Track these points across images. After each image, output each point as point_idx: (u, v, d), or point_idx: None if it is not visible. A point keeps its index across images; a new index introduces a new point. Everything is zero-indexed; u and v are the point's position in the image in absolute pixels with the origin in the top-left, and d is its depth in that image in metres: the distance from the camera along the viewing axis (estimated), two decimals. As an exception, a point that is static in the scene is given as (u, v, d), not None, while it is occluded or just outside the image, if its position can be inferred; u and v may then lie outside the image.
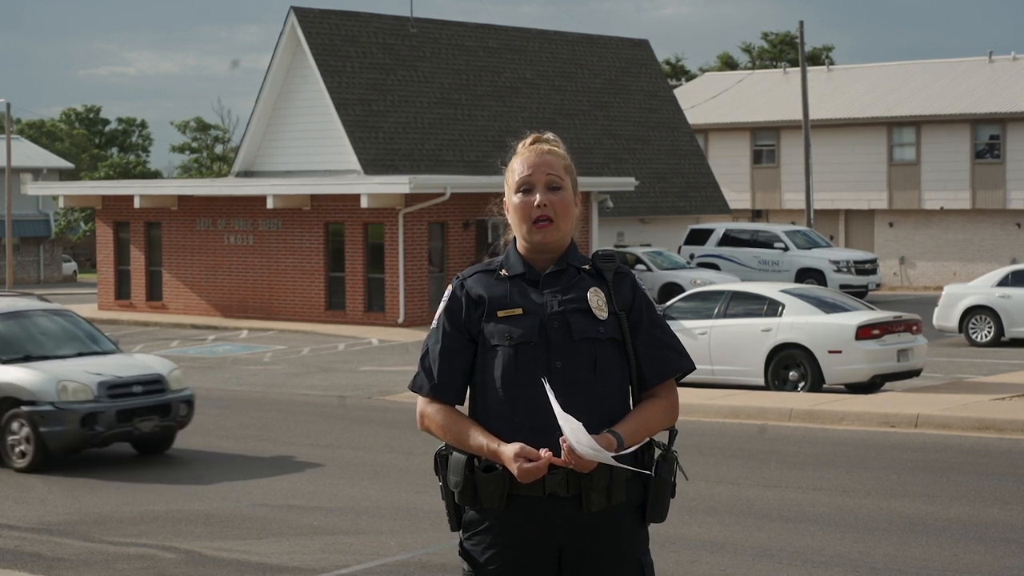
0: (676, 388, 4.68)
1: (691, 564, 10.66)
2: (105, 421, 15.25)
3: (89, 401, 15.23)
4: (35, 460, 15.17)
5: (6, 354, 15.82)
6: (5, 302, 17.09)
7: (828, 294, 22.21)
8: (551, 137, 4.72)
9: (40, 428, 15.09)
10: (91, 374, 15.50)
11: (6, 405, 15.46)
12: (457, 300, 4.62)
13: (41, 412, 15.14)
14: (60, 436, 15.13)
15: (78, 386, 15.28)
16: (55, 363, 15.80)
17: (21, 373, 15.49)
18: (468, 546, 4.58)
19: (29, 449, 15.20)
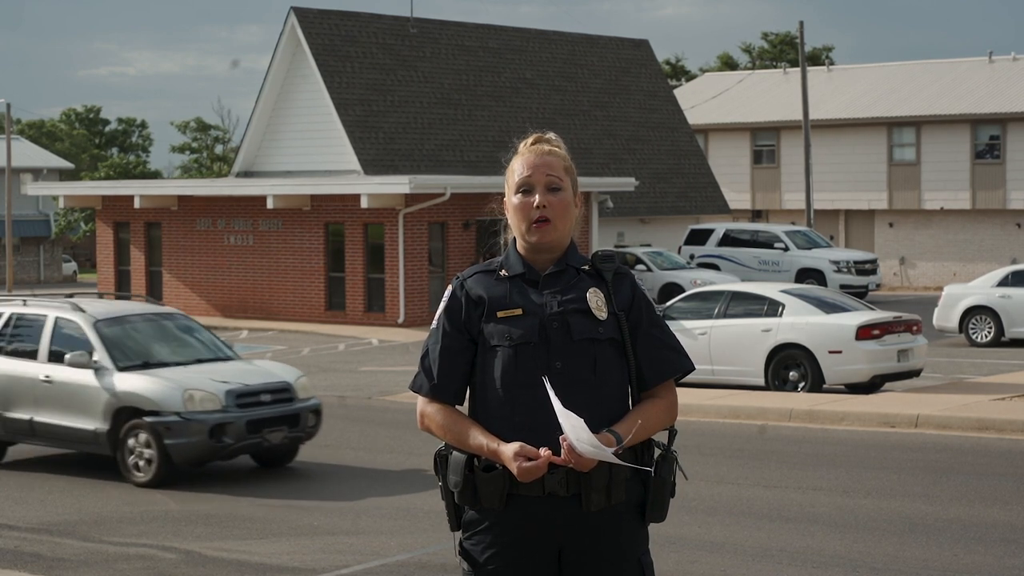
0: (675, 388, 4.69)
1: (691, 564, 10.66)
2: (234, 432, 14.20)
3: (217, 411, 14.19)
4: (158, 474, 14.12)
5: (123, 361, 14.76)
6: (116, 305, 16.27)
7: (828, 294, 22.21)
8: (552, 137, 4.73)
9: (165, 440, 14.02)
10: (217, 382, 14.46)
11: (125, 415, 14.38)
12: (457, 300, 4.62)
13: (166, 423, 14.08)
14: (187, 449, 14.08)
15: (205, 395, 14.26)
16: (175, 370, 14.77)
17: (142, 381, 14.44)
18: (468, 546, 4.59)
19: (151, 462, 14.15)
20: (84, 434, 14.56)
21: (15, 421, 15.24)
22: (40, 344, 15.24)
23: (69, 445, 15.01)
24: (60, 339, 15.15)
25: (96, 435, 14.45)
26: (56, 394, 14.86)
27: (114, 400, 14.38)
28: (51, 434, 14.96)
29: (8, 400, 15.29)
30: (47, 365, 15.04)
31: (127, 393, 14.39)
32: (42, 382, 14.98)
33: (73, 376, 14.71)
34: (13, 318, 15.71)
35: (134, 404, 14.34)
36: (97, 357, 14.63)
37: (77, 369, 14.65)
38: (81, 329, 15.02)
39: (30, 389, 15.09)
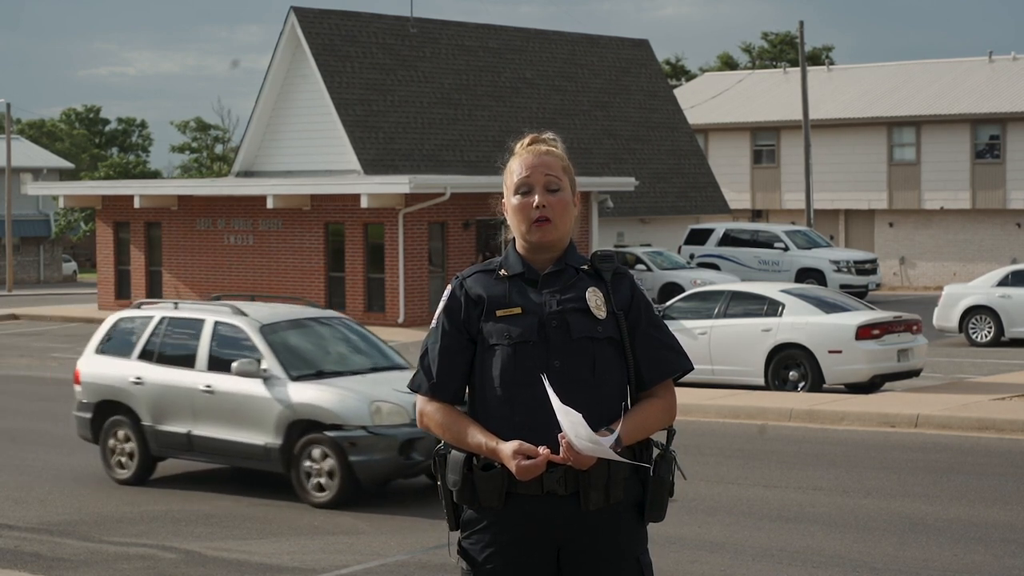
0: (674, 388, 4.69)
1: (691, 564, 10.66)
2: (424, 448, 12.70)
3: (405, 425, 12.82)
4: (340, 493, 12.80)
5: (296, 369, 13.46)
6: (277, 308, 14.86)
7: (828, 294, 22.21)
8: (549, 137, 4.73)
9: (350, 457, 12.69)
10: (401, 393, 12.89)
11: (300, 430, 13.08)
12: (456, 300, 4.63)
13: (352, 438, 12.73)
14: (374, 466, 12.77)
15: (393, 408, 12.92)
16: (353, 380, 13.47)
17: (320, 392, 13.14)
18: (466, 545, 4.59)
19: (333, 481, 12.82)
20: (252, 449, 13.34)
21: (170, 435, 13.94)
22: (198, 351, 13.99)
23: (232, 461, 13.84)
24: (221, 345, 13.92)
25: (267, 451, 13.23)
26: (219, 405, 13.62)
27: (288, 413, 13.11)
28: (212, 449, 13.74)
29: (162, 412, 14.02)
30: (207, 374, 13.77)
31: (304, 405, 13.08)
32: (202, 392, 13.70)
33: (239, 386, 13.46)
34: (164, 322, 14.50)
35: (312, 417, 13.01)
36: (267, 365, 13.40)
37: (244, 378, 13.41)
38: (245, 334, 13.76)
39: (188, 400, 13.83)
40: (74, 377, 15.05)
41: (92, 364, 14.83)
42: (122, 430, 14.25)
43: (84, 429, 14.69)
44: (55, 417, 19.68)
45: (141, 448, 14.13)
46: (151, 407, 14.07)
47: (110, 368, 14.58)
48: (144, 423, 14.08)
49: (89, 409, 14.63)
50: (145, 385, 14.16)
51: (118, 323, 15.01)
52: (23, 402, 21.49)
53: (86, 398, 14.71)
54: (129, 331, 14.77)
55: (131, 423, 14.19)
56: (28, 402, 21.51)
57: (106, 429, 14.38)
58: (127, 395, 14.27)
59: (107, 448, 14.38)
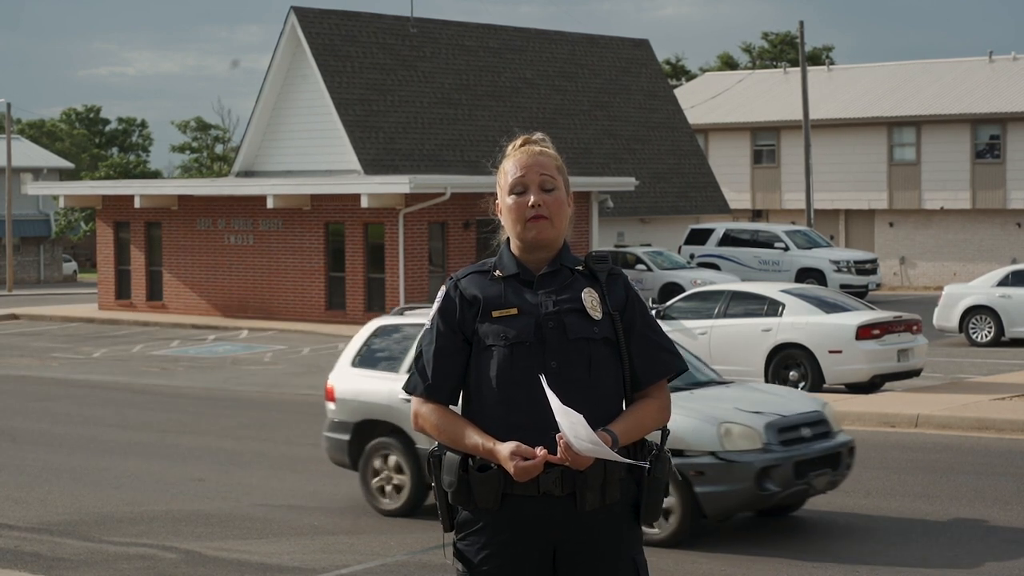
0: (668, 388, 4.70)
1: (691, 564, 10.67)
2: (780, 477, 11.29)
3: (757, 450, 11.32)
4: (680, 530, 11.24)
5: None
6: None
7: (828, 294, 22.21)
8: (540, 138, 4.74)
9: (696, 488, 11.18)
10: (748, 412, 11.64)
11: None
12: (451, 301, 4.62)
13: (698, 466, 11.21)
14: (726, 498, 11.22)
15: (743, 430, 11.40)
16: (680, 397, 11.32)
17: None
18: (462, 546, 4.59)
19: (670, 515, 11.26)
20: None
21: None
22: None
23: None
24: None
25: None
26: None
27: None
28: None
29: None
30: None
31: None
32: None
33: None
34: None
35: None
36: None
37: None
38: None
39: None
40: (327, 394, 13.29)
41: (349, 379, 13.11)
42: (389, 454, 12.66)
43: (338, 452, 13.05)
44: (55, 417, 19.70)
45: (414, 474, 12.44)
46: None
47: (373, 384, 12.87)
48: (419, 446, 12.32)
49: (346, 430, 12.95)
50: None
51: (377, 333, 13.32)
52: (23, 402, 21.50)
53: (342, 417, 13.02)
54: (393, 341, 13.18)
55: (401, 446, 12.58)
56: (28, 402, 21.52)
57: (368, 452, 12.77)
58: (396, 414, 12.50)
59: (369, 474, 12.77)
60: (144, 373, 25.71)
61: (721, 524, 11.93)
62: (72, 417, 19.71)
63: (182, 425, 18.82)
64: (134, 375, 25.35)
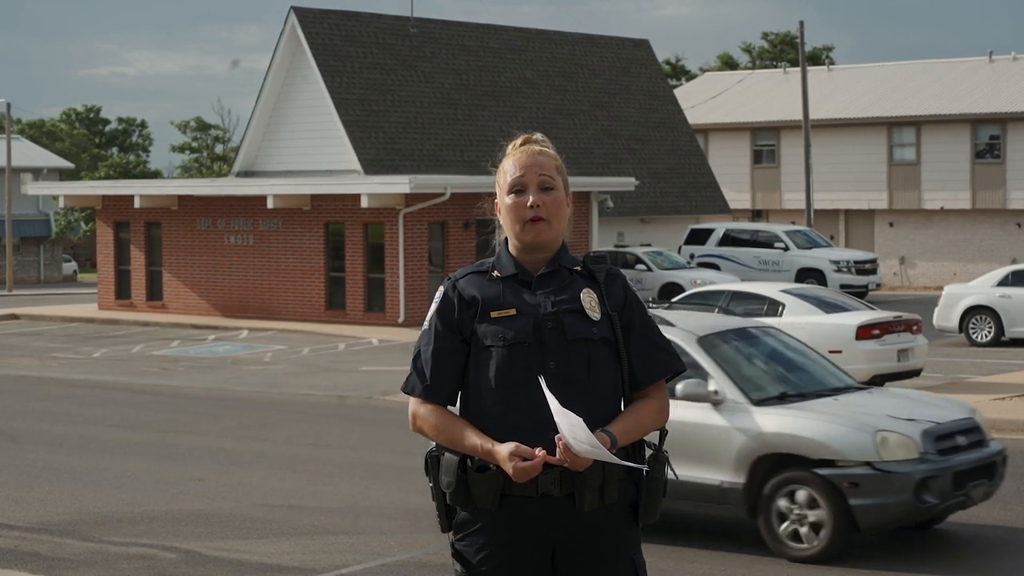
0: (666, 389, 4.70)
1: (691, 564, 10.67)
2: (939, 489, 10.65)
3: (914, 459, 10.65)
4: (831, 545, 10.62)
5: (756, 391, 11.36)
6: (705, 317, 12.89)
7: (828, 294, 22.21)
8: (540, 138, 4.74)
9: (850, 500, 10.51)
10: (902, 420, 10.99)
11: (769, 466, 10.91)
12: (449, 301, 4.62)
13: (852, 477, 10.55)
14: (882, 511, 10.56)
15: (900, 439, 10.71)
16: (825, 403, 11.28)
17: (799, 420, 10.93)
18: (460, 547, 4.59)
19: (820, 529, 10.65)
20: (703, 489, 11.09)
21: None
22: None
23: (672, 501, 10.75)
24: None
25: (723, 491, 11.04)
26: None
27: (753, 445, 10.96)
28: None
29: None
30: None
31: (777, 436, 10.88)
32: None
33: (681, 412, 11.04)
34: None
35: (790, 450, 10.83)
36: (717, 387, 11.26)
37: (688, 403, 11.21)
38: (680, 349, 11.41)
39: None
40: None
41: None
42: None
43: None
44: (55, 417, 19.70)
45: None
46: None
47: None
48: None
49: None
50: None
51: None
52: (23, 402, 21.50)
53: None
54: None
55: None
56: (28, 402, 21.52)
57: None
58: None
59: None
60: (144, 373, 25.71)
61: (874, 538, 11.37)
62: (72, 417, 19.71)
63: (182, 425, 18.82)
64: (134, 375, 25.35)
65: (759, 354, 12.05)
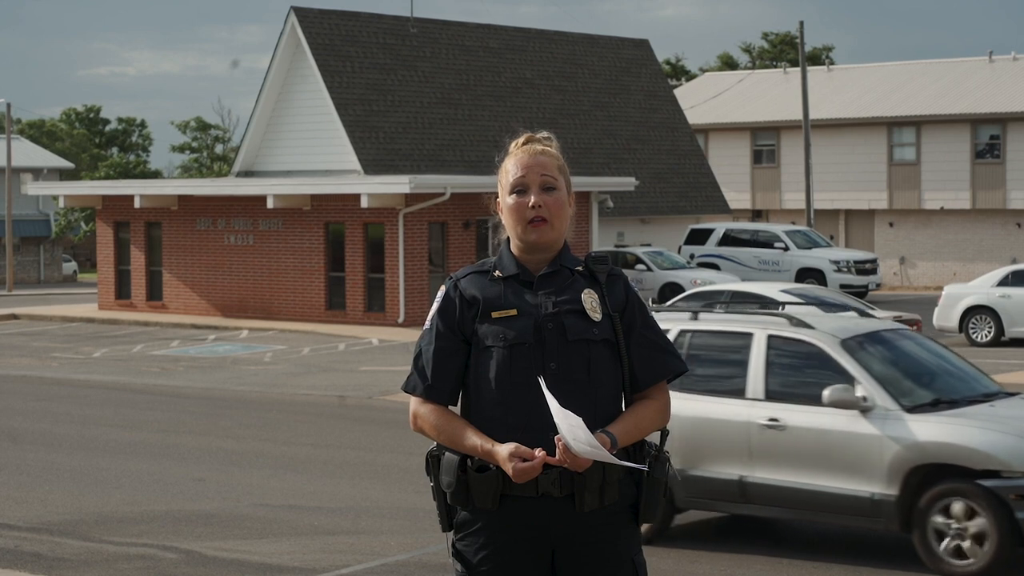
0: (668, 389, 4.70)
1: (691, 564, 10.67)
2: None
3: None
4: (995, 560, 10.04)
5: (908, 398, 10.69)
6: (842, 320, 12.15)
7: (828, 294, 22.22)
8: (544, 136, 4.73)
9: (1017, 513, 9.95)
10: None
11: (923, 476, 10.32)
12: (451, 301, 4.62)
13: (1019, 488, 9.98)
14: None
15: None
16: (980, 410, 10.69)
17: (957, 428, 10.32)
18: (460, 547, 4.59)
19: (983, 543, 10.10)
20: (852, 501, 10.49)
21: (710, 481, 11.12)
22: (748, 374, 11.19)
23: (814, 513, 10.81)
24: (782, 367, 11.16)
25: (875, 503, 10.42)
26: (792, 445, 10.78)
27: (908, 454, 10.31)
28: (781, 499, 10.81)
29: (696, 453, 11.20)
30: (767, 404, 10.98)
31: (937, 445, 10.25)
32: (763, 427, 10.90)
33: (826, 420, 10.63)
34: (686, 337, 11.65)
35: (948, 460, 10.23)
36: (865, 392, 10.57)
37: (833, 411, 10.60)
38: (821, 352, 11.00)
39: (739, 438, 11.03)
40: None
41: None
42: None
43: None
44: (55, 417, 19.70)
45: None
46: (679, 446, 11.12)
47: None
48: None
49: None
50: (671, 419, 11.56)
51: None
52: (23, 402, 21.51)
53: None
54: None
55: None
56: (28, 402, 21.52)
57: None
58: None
59: None
60: (144, 373, 25.71)
61: None
62: (72, 417, 19.71)
63: (182, 425, 18.82)
64: (134, 375, 25.35)
65: (900, 358, 11.31)
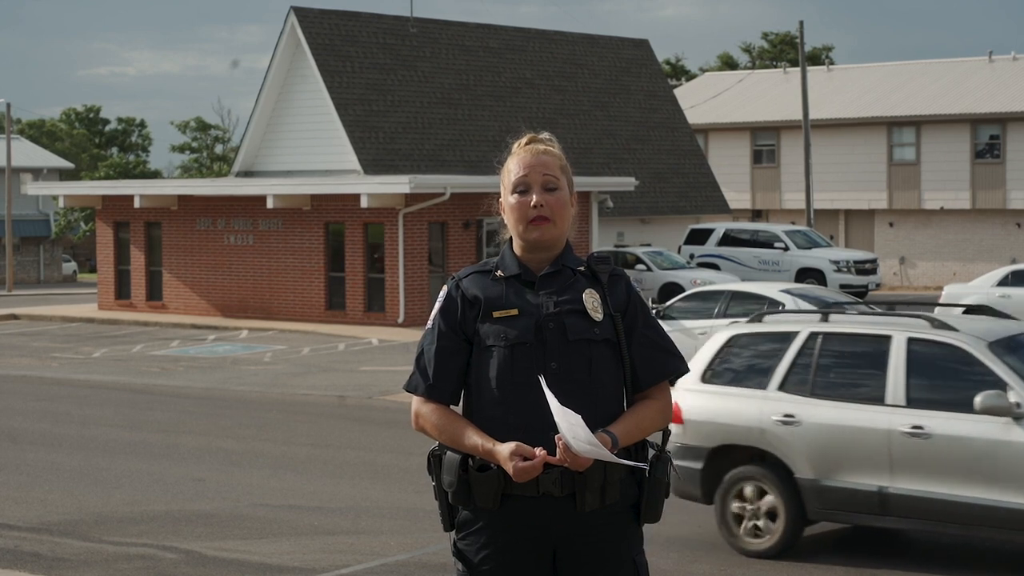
0: (670, 390, 4.70)
1: (691, 564, 10.67)
2: None
3: None
4: None
5: None
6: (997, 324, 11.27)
7: (828, 294, 22.22)
8: (546, 137, 4.74)
9: None
10: None
11: None
12: (453, 301, 4.63)
13: None
14: None
15: None
16: None
17: None
18: (462, 546, 4.60)
19: None
20: (1012, 514, 9.87)
21: (847, 491, 10.49)
22: (888, 379, 10.50)
23: (963, 527, 10.17)
24: (923, 371, 10.50)
25: None
26: (940, 454, 10.15)
27: None
28: (928, 511, 10.18)
29: (832, 462, 10.56)
30: (909, 410, 10.32)
31: None
32: (905, 435, 10.25)
33: (978, 428, 10.04)
34: (817, 340, 10.95)
35: None
36: (1019, 398, 9.98)
37: (979, 418, 10.04)
38: (969, 356, 10.33)
39: (879, 446, 10.37)
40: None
41: (699, 397, 11.35)
42: (757, 485, 10.96)
43: (687, 482, 11.30)
44: (55, 417, 19.70)
45: (790, 508, 10.74)
46: (812, 455, 10.58)
47: (733, 402, 11.15)
48: (798, 476, 10.67)
49: (699, 457, 11.24)
50: (801, 425, 10.67)
51: (732, 342, 11.49)
52: (23, 402, 21.51)
53: (693, 441, 11.30)
54: (756, 353, 11.34)
55: (773, 476, 10.84)
56: (28, 402, 21.52)
57: (727, 483, 11.10)
58: (770, 439, 10.86)
59: (728, 508, 11.06)
60: (144, 373, 25.71)
61: None
62: (72, 417, 19.71)
63: (182, 425, 18.82)
64: (134, 375, 25.35)
65: None
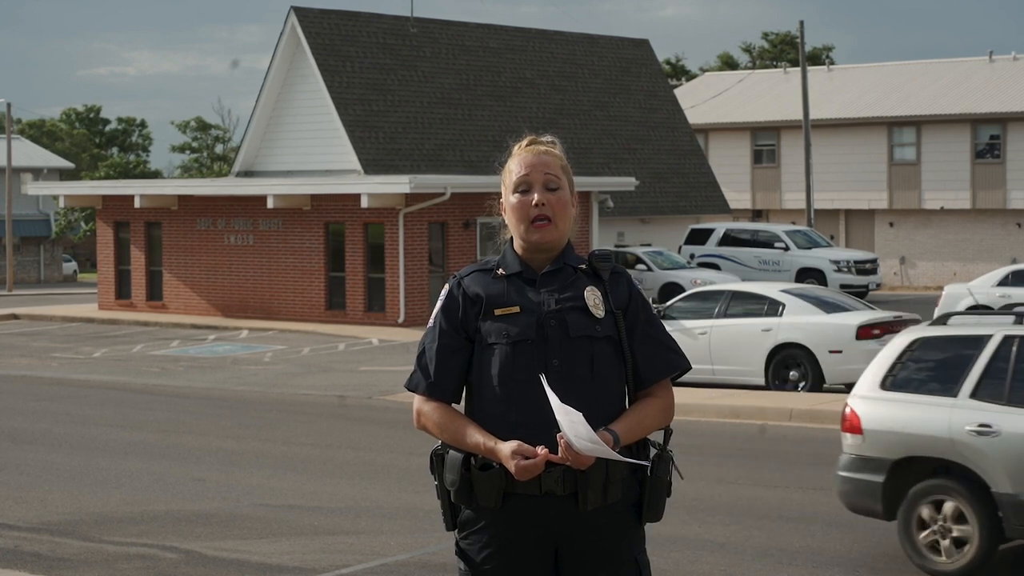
0: (672, 388, 4.69)
1: (691, 564, 10.67)
2: None
3: None
4: None
5: None
6: None
7: (828, 294, 22.22)
8: (548, 138, 4.75)
9: None
10: None
11: None
12: (454, 299, 4.63)
13: None
14: None
15: None
16: None
17: None
18: (464, 545, 4.59)
19: None
20: None
21: None
22: None
23: None
24: None
25: None
26: None
27: None
28: None
29: None
30: None
31: None
32: None
33: None
34: (1014, 344, 10.28)
35: None
36: None
37: None
38: None
39: None
40: (846, 423, 10.72)
41: (879, 406, 10.59)
42: (945, 499, 10.22)
43: (865, 496, 10.59)
44: (55, 417, 19.70)
45: (986, 525, 10.04)
46: (1011, 468, 9.87)
47: (918, 411, 10.38)
48: (995, 490, 9.96)
49: (880, 469, 10.45)
50: (1000, 436, 9.95)
51: (915, 346, 10.72)
52: (23, 402, 21.50)
53: (873, 453, 10.52)
54: (941, 358, 10.64)
55: (966, 490, 10.11)
56: (28, 402, 21.52)
57: (912, 497, 10.35)
58: (962, 450, 10.11)
59: (914, 524, 10.35)
60: (144, 373, 25.71)
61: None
62: (72, 417, 19.71)
63: (182, 425, 18.82)
64: (134, 375, 25.35)
65: None
